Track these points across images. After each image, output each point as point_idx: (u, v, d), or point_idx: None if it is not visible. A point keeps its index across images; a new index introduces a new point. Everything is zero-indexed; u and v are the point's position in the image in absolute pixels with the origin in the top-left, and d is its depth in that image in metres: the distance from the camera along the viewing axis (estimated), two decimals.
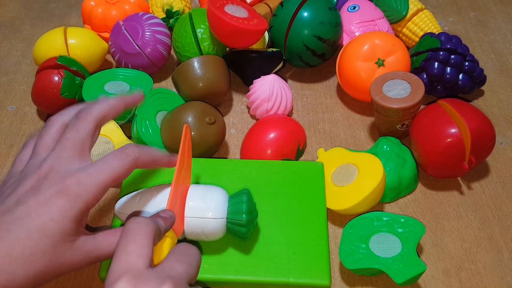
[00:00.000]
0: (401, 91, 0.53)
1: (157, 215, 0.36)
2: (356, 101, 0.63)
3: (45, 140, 0.36)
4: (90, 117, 0.36)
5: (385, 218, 0.46)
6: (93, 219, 0.51)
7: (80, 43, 0.62)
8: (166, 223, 0.35)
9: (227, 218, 0.40)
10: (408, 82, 0.54)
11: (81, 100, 0.58)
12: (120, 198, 0.42)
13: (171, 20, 0.70)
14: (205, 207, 0.39)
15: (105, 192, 0.34)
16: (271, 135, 0.53)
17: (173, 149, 0.52)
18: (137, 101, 0.41)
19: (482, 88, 0.65)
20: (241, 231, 0.40)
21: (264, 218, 0.45)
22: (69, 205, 0.32)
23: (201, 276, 0.42)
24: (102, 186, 0.34)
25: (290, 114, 0.62)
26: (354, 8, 0.66)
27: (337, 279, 0.46)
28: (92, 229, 0.36)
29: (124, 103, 0.39)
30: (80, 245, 0.33)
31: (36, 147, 0.36)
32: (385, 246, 0.44)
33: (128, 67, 0.62)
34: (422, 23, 0.66)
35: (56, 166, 0.34)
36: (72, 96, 0.57)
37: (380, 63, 0.58)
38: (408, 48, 0.63)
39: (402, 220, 0.46)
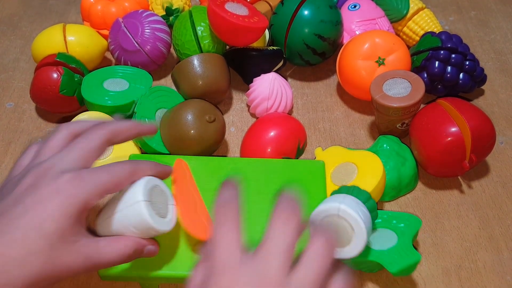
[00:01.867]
0: (401, 90, 0.53)
1: None
2: (356, 100, 0.63)
3: (50, 144, 0.36)
4: (103, 131, 0.37)
5: (383, 216, 0.46)
6: None
7: (79, 40, 0.62)
8: None
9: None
10: (409, 81, 0.54)
11: (80, 97, 0.57)
12: None
13: (171, 18, 0.69)
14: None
15: (104, 195, 0.34)
16: (271, 133, 0.53)
17: (171, 147, 0.52)
18: (150, 133, 0.41)
19: (483, 87, 0.64)
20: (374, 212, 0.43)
21: (265, 217, 0.45)
22: (68, 202, 0.32)
23: None
24: (102, 188, 0.34)
25: (290, 112, 0.62)
26: (355, 6, 0.66)
27: None
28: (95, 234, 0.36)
29: (137, 131, 0.39)
30: (80, 248, 0.33)
31: (40, 150, 0.36)
32: (381, 240, 0.45)
33: (128, 65, 0.62)
34: (422, 22, 0.66)
35: (58, 164, 0.34)
36: (71, 94, 0.57)
37: (380, 62, 0.57)
38: (408, 47, 0.62)
39: (399, 215, 0.46)
